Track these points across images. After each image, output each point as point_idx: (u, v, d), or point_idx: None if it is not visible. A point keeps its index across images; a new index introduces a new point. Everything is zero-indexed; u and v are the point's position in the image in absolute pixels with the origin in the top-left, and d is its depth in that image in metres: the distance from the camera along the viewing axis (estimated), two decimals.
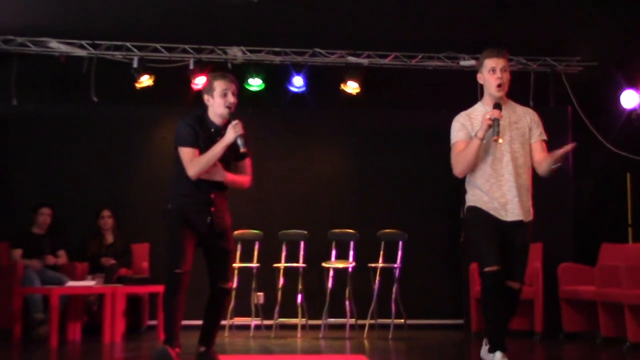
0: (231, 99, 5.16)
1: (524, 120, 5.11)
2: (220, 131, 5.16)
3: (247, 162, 5.35)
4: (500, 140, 4.90)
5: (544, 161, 5.00)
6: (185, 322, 5.30)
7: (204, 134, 5.15)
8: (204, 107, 5.25)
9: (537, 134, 5.11)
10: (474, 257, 5.13)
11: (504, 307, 5.01)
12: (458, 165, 5.20)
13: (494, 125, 4.89)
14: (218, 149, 5.03)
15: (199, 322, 5.24)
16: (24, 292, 7.64)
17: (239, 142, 5.08)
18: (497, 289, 4.91)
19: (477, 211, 5.06)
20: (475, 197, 5.12)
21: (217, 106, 5.16)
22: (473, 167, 5.12)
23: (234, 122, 5.07)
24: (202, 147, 5.11)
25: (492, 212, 4.99)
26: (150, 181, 8.89)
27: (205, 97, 5.22)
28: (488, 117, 4.90)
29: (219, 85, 5.17)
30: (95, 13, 7.80)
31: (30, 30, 8.19)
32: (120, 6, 7.66)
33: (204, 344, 5.30)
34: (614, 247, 7.92)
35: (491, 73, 5.08)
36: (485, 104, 5.17)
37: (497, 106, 4.96)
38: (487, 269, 4.88)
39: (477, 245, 5.03)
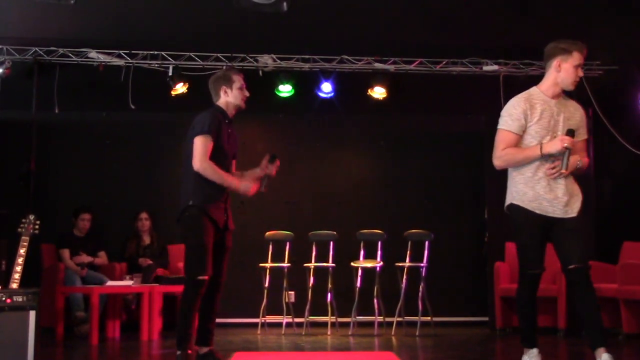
0: (247, 93, 5.33)
1: (575, 117, 4.80)
2: (231, 122, 5.29)
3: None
4: (564, 172, 4.65)
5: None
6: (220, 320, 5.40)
7: (222, 125, 5.18)
8: (215, 101, 5.31)
9: (583, 133, 4.82)
10: (519, 258, 4.82)
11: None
12: (502, 160, 4.90)
13: (565, 154, 4.61)
14: (234, 183, 5.13)
15: (235, 320, 5.23)
16: (66, 292, 7.77)
17: (264, 181, 5.36)
18: (534, 290, 4.79)
19: (522, 210, 4.83)
20: (518, 194, 4.88)
21: (234, 98, 5.26)
22: None
23: (275, 164, 5.37)
24: (222, 136, 5.14)
25: (537, 210, 4.74)
26: None
27: (223, 87, 5.26)
28: (565, 145, 4.58)
29: (238, 80, 5.27)
30: (132, 25, 7.88)
31: (71, 42, 8.29)
32: (156, 18, 7.72)
33: (203, 343, 5.19)
34: (636, 245, 7.94)
35: (575, 68, 4.73)
36: (544, 91, 4.81)
37: (571, 133, 4.63)
38: (530, 271, 4.72)
39: (522, 247, 4.82)
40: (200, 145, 5.05)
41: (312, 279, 8.36)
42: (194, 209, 5.07)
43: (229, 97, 5.27)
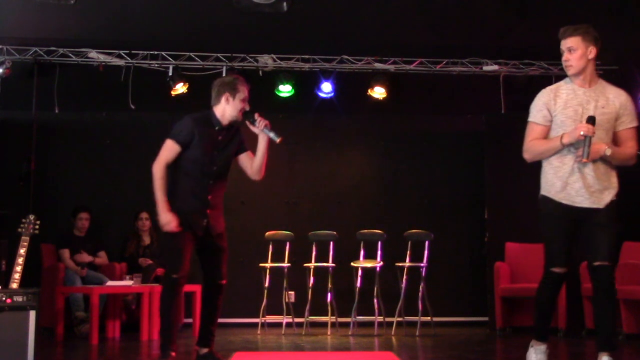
0: (247, 107, 5.17)
1: (612, 105, 4.61)
2: (223, 130, 5.11)
3: (250, 154, 5.25)
4: (584, 161, 4.49)
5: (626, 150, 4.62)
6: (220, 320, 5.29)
7: (207, 131, 5.06)
8: (213, 104, 5.17)
9: (627, 121, 4.63)
10: (545, 252, 4.74)
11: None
12: (529, 153, 4.77)
13: (585, 142, 4.45)
14: (161, 205, 4.91)
15: (235, 320, 5.20)
16: (66, 292, 7.75)
17: (272, 134, 5.12)
18: (557, 289, 4.79)
19: (550, 202, 4.73)
20: (547, 184, 4.76)
21: (233, 108, 5.09)
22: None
23: (258, 118, 5.10)
24: (202, 145, 5.00)
25: (565, 201, 4.63)
26: None
27: (226, 94, 5.11)
28: (582, 132, 4.43)
29: (243, 91, 5.13)
30: (132, 25, 7.89)
31: (71, 42, 8.30)
32: (156, 18, 7.75)
33: (204, 344, 5.15)
34: (636, 245, 7.94)
35: (562, 55, 4.67)
36: (574, 80, 4.69)
37: (591, 120, 4.47)
38: (553, 269, 4.68)
39: (548, 241, 4.76)
40: (164, 149, 5.06)
41: (312, 279, 8.36)
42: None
43: (229, 106, 5.14)
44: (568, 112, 4.61)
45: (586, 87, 4.65)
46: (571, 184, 4.61)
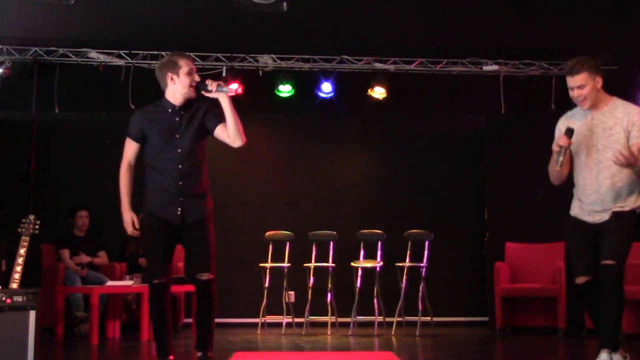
0: (197, 77, 4.87)
1: (621, 125, 4.75)
2: (180, 111, 4.85)
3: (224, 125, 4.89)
4: (558, 169, 4.78)
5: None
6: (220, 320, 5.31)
7: (161, 117, 4.84)
8: (162, 90, 4.93)
9: (635, 136, 4.72)
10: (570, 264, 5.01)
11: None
12: (550, 177, 5.03)
13: (560, 152, 4.74)
14: (124, 205, 4.88)
15: (235, 320, 4.99)
16: (66, 292, 7.77)
17: (225, 89, 4.82)
18: (587, 295, 4.87)
19: (572, 219, 4.94)
20: (572, 204, 4.97)
21: (181, 85, 4.81)
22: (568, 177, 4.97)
23: (209, 82, 4.80)
24: (159, 132, 4.81)
25: (581, 218, 4.87)
26: None
27: (169, 75, 4.83)
28: (556, 145, 4.78)
29: (185, 64, 4.83)
30: (131, 24, 7.89)
31: (71, 42, 8.29)
32: (156, 17, 7.74)
33: (198, 348, 4.88)
34: (635, 245, 7.88)
35: (571, 91, 4.86)
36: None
37: (568, 132, 4.75)
38: (577, 281, 4.84)
39: (570, 256, 5.02)
40: (124, 148, 4.97)
41: (312, 279, 8.37)
42: (143, 209, 4.92)
43: (177, 85, 4.84)
44: (578, 138, 4.81)
45: (597, 110, 4.84)
46: (584, 200, 4.84)
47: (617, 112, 4.80)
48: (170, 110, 4.88)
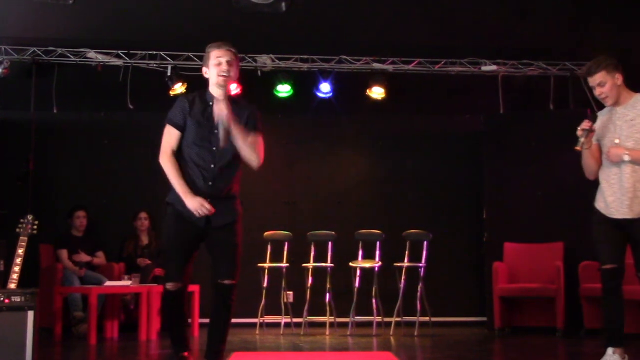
0: (225, 66, 4.54)
1: None
2: (225, 100, 4.54)
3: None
4: (577, 148, 4.95)
5: None
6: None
7: (202, 108, 4.58)
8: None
9: None
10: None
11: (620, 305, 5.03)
12: (584, 170, 5.20)
13: (583, 135, 4.92)
14: (182, 193, 4.46)
15: (233, 320, 4.81)
16: (64, 292, 7.76)
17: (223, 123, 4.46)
18: (611, 286, 4.98)
19: (595, 211, 5.09)
20: (597, 196, 5.12)
21: (213, 76, 4.57)
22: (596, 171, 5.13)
23: (219, 107, 4.46)
24: (195, 122, 4.54)
25: (604, 212, 5.02)
26: None
27: (204, 69, 4.65)
28: (580, 127, 4.93)
29: (213, 55, 4.59)
30: (130, 24, 7.88)
31: (69, 42, 8.28)
32: (154, 17, 7.74)
33: (207, 357, 4.65)
34: None
35: (594, 90, 5.10)
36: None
37: (590, 117, 5.02)
38: (602, 267, 4.98)
39: (595, 245, 5.07)
40: (163, 136, 4.62)
41: (310, 279, 8.37)
42: (168, 207, 4.61)
43: (210, 77, 4.61)
44: (604, 132, 5.06)
45: (620, 106, 5.04)
46: (608, 196, 5.01)
47: (638, 105, 5.01)
48: (210, 103, 4.60)
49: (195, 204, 4.44)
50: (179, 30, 8.09)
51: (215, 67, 4.56)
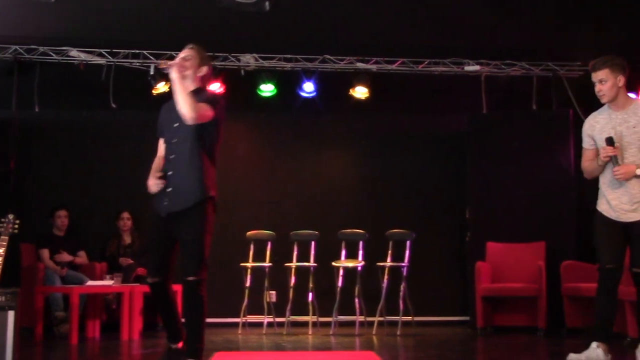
0: (166, 61, 4.75)
1: None
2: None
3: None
4: (615, 173, 4.99)
5: None
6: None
7: (167, 106, 4.77)
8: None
9: None
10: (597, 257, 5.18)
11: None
12: (584, 173, 5.30)
13: (612, 161, 5.00)
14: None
15: (216, 320, 4.76)
16: (45, 292, 7.71)
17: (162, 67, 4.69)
18: (609, 286, 5.06)
19: (598, 214, 5.15)
20: (599, 200, 5.19)
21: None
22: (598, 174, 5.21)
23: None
24: (164, 123, 4.77)
25: (607, 214, 5.09)
26: None
27: None
28: (603, 156, 5.00)
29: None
30: (113, 23, 7.86)
31: (51, 40, 8.26)
32: (138, 16, 7.71)
33: (186, 355, 4.65)
34: None
35: (595, 86, 5.14)
36: (611, 105, 5.13)
37: (609, 141, 5.00)
38: (603, 267, 5.05)
39: (596, 245, 5.14)
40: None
41: (293, 278, 8.35)
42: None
43: None
44: (604, 136, 5.05)
45: (620, 110, 5.08)
46: (611, 200, 5.08)
47: (639, 112, 5.06)
48: (167, 104, 4.82)
49: (149, 182, 4.65)
50: (162, 29, 8.07)
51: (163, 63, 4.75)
